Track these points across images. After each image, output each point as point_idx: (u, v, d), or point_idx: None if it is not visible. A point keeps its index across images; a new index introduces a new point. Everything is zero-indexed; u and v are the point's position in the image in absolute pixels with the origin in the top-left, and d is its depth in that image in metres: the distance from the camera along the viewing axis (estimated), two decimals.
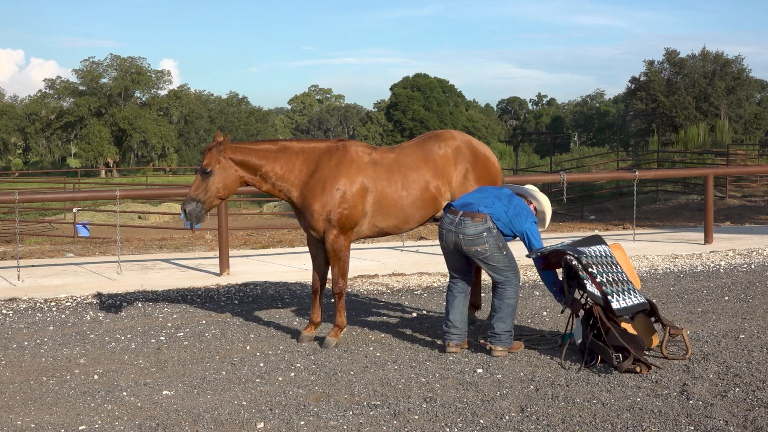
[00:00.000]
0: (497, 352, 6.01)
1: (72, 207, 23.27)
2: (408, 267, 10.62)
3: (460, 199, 6.29)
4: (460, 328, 6.14)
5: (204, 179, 6.34)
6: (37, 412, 4.97)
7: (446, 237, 6.08)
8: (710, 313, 7.49)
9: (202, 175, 6.34)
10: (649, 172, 21.62)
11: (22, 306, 8.30)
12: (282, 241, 14.87)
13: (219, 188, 6.37)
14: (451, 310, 6.17)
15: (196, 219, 6.38)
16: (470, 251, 5.98)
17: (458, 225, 5.99)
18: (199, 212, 6.36)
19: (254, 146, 6.51)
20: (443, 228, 6.11)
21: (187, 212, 6.34)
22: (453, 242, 6.05)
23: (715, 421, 4.55)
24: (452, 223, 6.03)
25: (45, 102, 72.16)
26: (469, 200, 6.14)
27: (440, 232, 6.15)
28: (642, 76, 45.67)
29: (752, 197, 23.86)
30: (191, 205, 6.32)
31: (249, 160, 6.41)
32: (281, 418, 4.75)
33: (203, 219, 6.51)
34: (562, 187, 11.61)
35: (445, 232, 6.08)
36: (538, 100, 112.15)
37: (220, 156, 6.33)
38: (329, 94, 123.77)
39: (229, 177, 6.39)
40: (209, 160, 6.33)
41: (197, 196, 6.34)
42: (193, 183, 6.43)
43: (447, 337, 6.14)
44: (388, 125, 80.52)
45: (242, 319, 7.57)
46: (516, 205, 6.08)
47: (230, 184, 6.43)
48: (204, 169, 6.33)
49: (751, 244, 12.30)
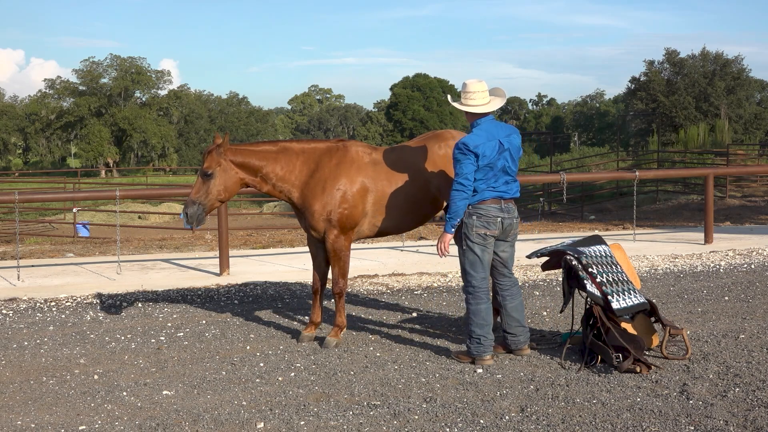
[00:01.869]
0: (525, 351, 6.04)
1: (72, 207, 23.27)
2: (408, 267, 10.62)
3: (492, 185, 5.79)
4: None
5: (205, 182, 6.34)
6: (37, 412, 4.97)
7: (501, 224, 5.77)
8: (710, 313, 7.49)
9: (203, 177, 6.34)
10: (649, 172, 21.62)
11: (22, 306, 8.30)
12: (282, 241, 14.87)
13: (220, 191, 6.37)
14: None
15: (197, 222, 6.37)
16: (515, 232, 5.91)
17: (510, 210, 5.83)
18: (200, 215, 6.36)
19: (254, 147, 6.51)
20: (497, 217, 5.74)
21: (188, 215, 6.34)
22: (508, 227, 5.83)
23: (715, 421, 4.55)
24: (503, 210, 5.78)
25: (45, 102, 72.19)
26: (498, 185, 5.80)
27: (489, 222, 5.71)
28: (642, 76, 45.69)
29: (752, 197, 23.86)
30: (192, 208, 6.32)
31: (249, 162, 6.40)
32: (281, 418, 4.75)
33: (204, 221, 6.51)
34: (562, 187, 11.61)
35: (501, 219, 5.76)
36: (538, 100, 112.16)
37: (221, 158, 6.33)
38: (329, 94, 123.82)
39: (230, 179, 6.39)
40: (209, 162, 6.32)
41: (198, 198, 6.33)
42: (194, 185, 6.42)
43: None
44: (388, 125, 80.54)
45: (242, 319, 7.57)
46: None
47: (231, 186, 6.43)
48: (205, 171, 6.32)
49: (751, 244, 12.30)
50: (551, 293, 8.64)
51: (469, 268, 5.83)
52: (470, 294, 5.85)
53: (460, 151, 5.69)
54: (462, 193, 5.65)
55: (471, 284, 5.83)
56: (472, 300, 5.84)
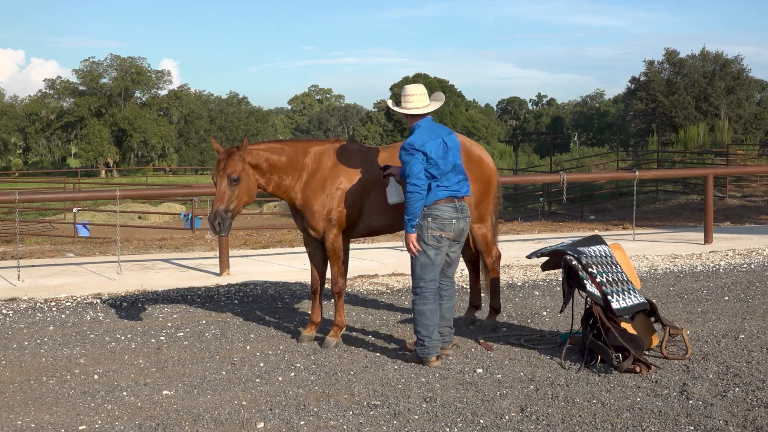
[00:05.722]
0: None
1: (72, 207, 23.29)
2: (408, 267, 10.57)
3: (444, 184, 5.81)
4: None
5: (232, 187, 6.09)
6: (37, 412, 4.97)
7: (455, 226, 5.80)
8: (710, 313, 7.49)
9: (230, 183, 6.08)
10: (648, 172, 21.63)
11: (22, 306, 8.30)
12: (282, 241, 14.87)
13: (244, 196, 6.19)
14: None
15: (226, 230, 6.12)
16: (466, 232, 5.94)
17: (463, 210, 5.87)
18: (229, 224, 6.12)
19: (264, 148, 6.40)
20: (452, 218, 5.76)
21: (222, 227, 6.04)
22: (461, 229, 5.88)
23: (715, 421, 4.55)
24: (458, 209, 5.81)
25: (45, 102, 72.16)
26: (451, 185, 5.83)
27: (444, 224, 5.74)
28: (642, 76, 45.73)
29: (752, 197, 23.86)
30: (224, 217, 6.02)
31: (261, 164, 6.30)
32: (281, 418, 4.75)
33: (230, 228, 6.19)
34: (562, 187, 11.61)
35: (456, 220, 5.79)
36: (538, 100, 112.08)
37: (243, 162, 6.16)
38: (329, 94, 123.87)
39: (251, 182, 6.23)
40: (234, 167, 6.08)
41: (229, 206, 6.08)
42: (219, 194, 6.06)
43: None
44: (388, 125, 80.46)
45: (242, 319, 7.58)
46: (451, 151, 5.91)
47: (253, 189, 6.28)
48: (231, 176, 6.07)
49: (751, 244, 12.30)
50: (551, 293, 8.64)
51: (420, 270, 5.80)
52: (417, 295, 5.82)
53: (406, 152, 5.71)
54: (416, 194, 5.63)
55: (419, 285, 5.80)
56: (419, 300, 5.80)
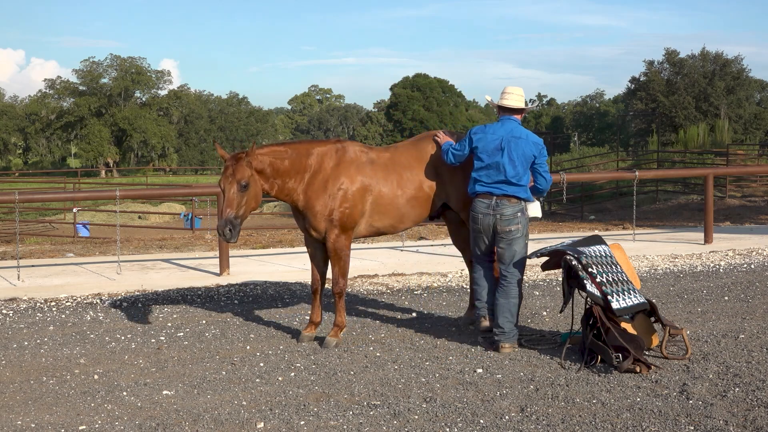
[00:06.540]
0: (505, 348, 6.12)
1: (72, 207, 23.29)
2: (408, 267, 10.62)
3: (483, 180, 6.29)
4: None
5: (242, 194, 6.05)
6: (37, 412, 4.97)
7: (483, 221, 6.26)
8: (710, 313, 7.49)
9: (240, 189, 6.04)
10: (649, 172, 21.63)
11: (22, 306, 8.30)
12: (282, 241, 14.87)
13: (252, 201, 6.16)
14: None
15: (236, 237, 6.07)
16: (504, 230, 6.21)
17: (498, 207, 6.21)
18: (239, 230, 6.08)
19: (267, 152, 6.34)
20: (479, 212, 6.26)
21: (233, 233, 5.99)
22: (490, 225, 6.26)
23: (715, 421, 4.55)
24: (491, 206, 6.22)
25: (45, 102, 72.17)
26: (490, 182, 6.26)
27: (474, 216, 6.32)
28: (642, 76, 45.73)
29: (752, 197, 23.86)
30: (234, 223, 5.99)
31: (266, 169, 6.26)
32: (281, 418, 4.75)
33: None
34: (562, 187, 11.61)
35: (483, 216, 6.25)
36: (538, 100, 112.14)
37: (251, 168, 6.12)
38: (329, 94, 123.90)
39: (257, 188, 6.20)
40: (242, 173, 6.04)
41: (239, 212, 6.04)
42: (228, 200, 6.00)
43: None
44: (388, 125, 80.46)
45: (242, 319, 7.58)
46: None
47: (259, 194, 6.25)
48: (240, 182, 6.03)
49: (751, 244, 12.30)
50: (551, 293, 8.64)
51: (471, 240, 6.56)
52: (469, 262, 6.82)
53: (465, 133, 6.59)
54: (449, 150, 6.51)
55: (473, 253, 6.56)
56: (470, 268, 6.75)
